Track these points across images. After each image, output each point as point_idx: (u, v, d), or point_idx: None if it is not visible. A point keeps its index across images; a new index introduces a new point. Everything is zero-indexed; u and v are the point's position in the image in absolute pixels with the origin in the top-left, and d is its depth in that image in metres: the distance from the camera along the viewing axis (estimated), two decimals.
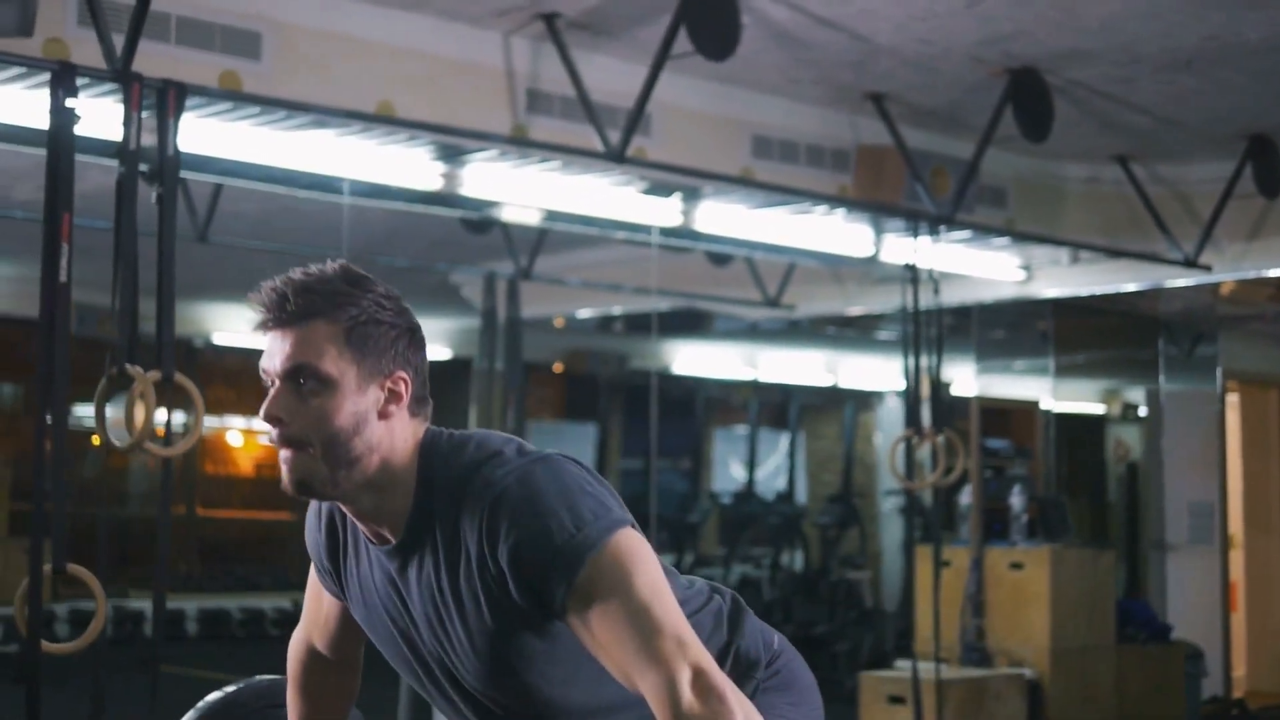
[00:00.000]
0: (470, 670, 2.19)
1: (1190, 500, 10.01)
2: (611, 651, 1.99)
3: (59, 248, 4.38)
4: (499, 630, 2.11)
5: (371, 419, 2.12)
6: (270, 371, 2.14)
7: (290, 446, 2.12)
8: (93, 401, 4.41)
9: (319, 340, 2.10)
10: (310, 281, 2.13)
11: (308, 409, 2.10)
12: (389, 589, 2.23)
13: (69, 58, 4.74)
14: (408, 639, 2.26)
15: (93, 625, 4.44)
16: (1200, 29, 5.85)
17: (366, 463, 2.12)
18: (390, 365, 2.14)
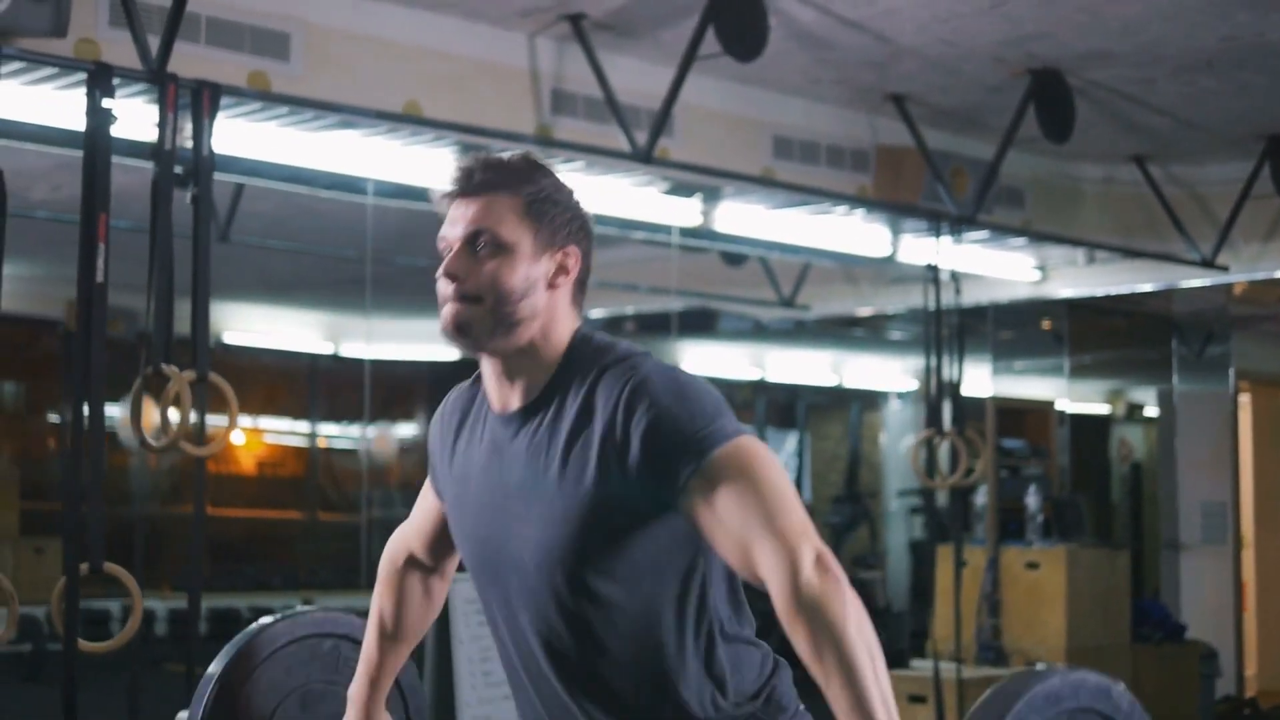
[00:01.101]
0: (539, 553, 2.24)
1: (1203, 500, 10.03)
2: (731, 526, 2.07)
3: (95, 248, 4.40)
4: (591, 504, 2.19)
5: (540, 287, 2.28)
6: (450, 238, 2.28)
7: (462, 301, 2.25)
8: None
9: (500, 209, 2.26)
10: (495, 160, 2.31)
11: (483, 269, 2.25)
12: (492, 460, 2.33)
13: (100, 58, 4.75)
14: (491, 519, 2.33)
15: (130, 624, 4.46)
16: (1221, 29, 5.87)
17: (527, 326, 2.27)
18: (563, 240, 2.30)
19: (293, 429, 13.15)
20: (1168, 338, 10.22)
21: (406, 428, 13.30)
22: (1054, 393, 10.11)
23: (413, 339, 10.68)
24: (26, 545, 10.61)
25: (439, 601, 2.74)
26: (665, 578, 2.23)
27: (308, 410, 12.80)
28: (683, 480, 2.11)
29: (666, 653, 2.24)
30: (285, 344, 11.44)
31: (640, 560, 2.21)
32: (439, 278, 2.27)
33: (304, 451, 13.16)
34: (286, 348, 11.55)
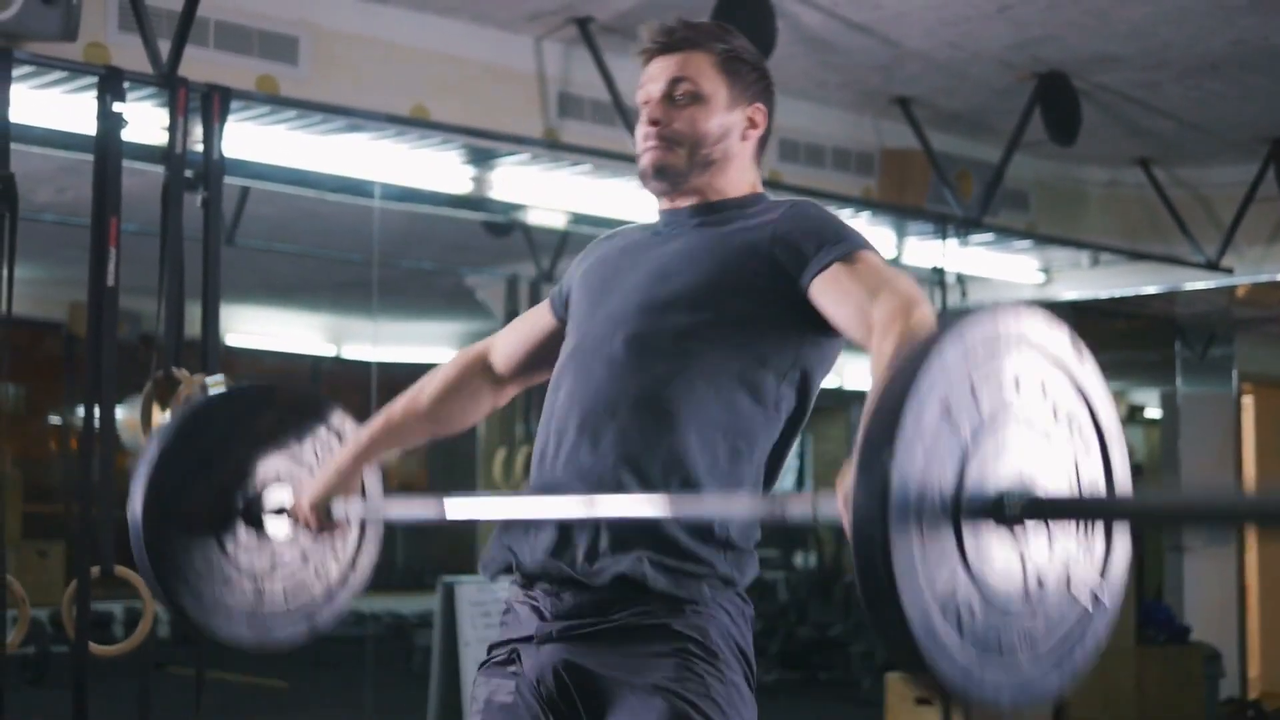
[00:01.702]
0: (646, 327, 2.36)
1: None
2: (853, 290, 2.25)
3: (106, 251, 4.41)
4: (735, 265, 2.36)
5: (734, 134, 2.46)
6: (651, 90, 2.46)
7: (661, 142, 2.44)
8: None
9: (698, 62, 2.45)
10: (691, 23, 2.48)
11: (682, 115, 2.44)
12: (654, 241, 2.48)
13: (110, 62, 4.76)
14: (612, 295, 2.44)
15: (140, 627, 4.46)
16: (1228, 33, 5.88)
17: (719, 169, 2.45)
18: (753, 97, 2.49)
19: None
20: (1171, 340, 10.22)
21: None
22: None
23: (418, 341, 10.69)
24: (29, 548, 10.61)
25: (482, 410, 2.74)
26: (754, 365, 2.35)
27: None
28: (825, 260, 2.29)
29: (721, 433, 2.32)
30: (289, 346, 11.45)
31: (743, 339, 2.34)
32: (641, 125, 2.43)
33: None
34: (290, 350, 11.55)
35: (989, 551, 1.80)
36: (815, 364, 2.42)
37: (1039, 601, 1.86)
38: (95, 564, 4.37)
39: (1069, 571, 1.90)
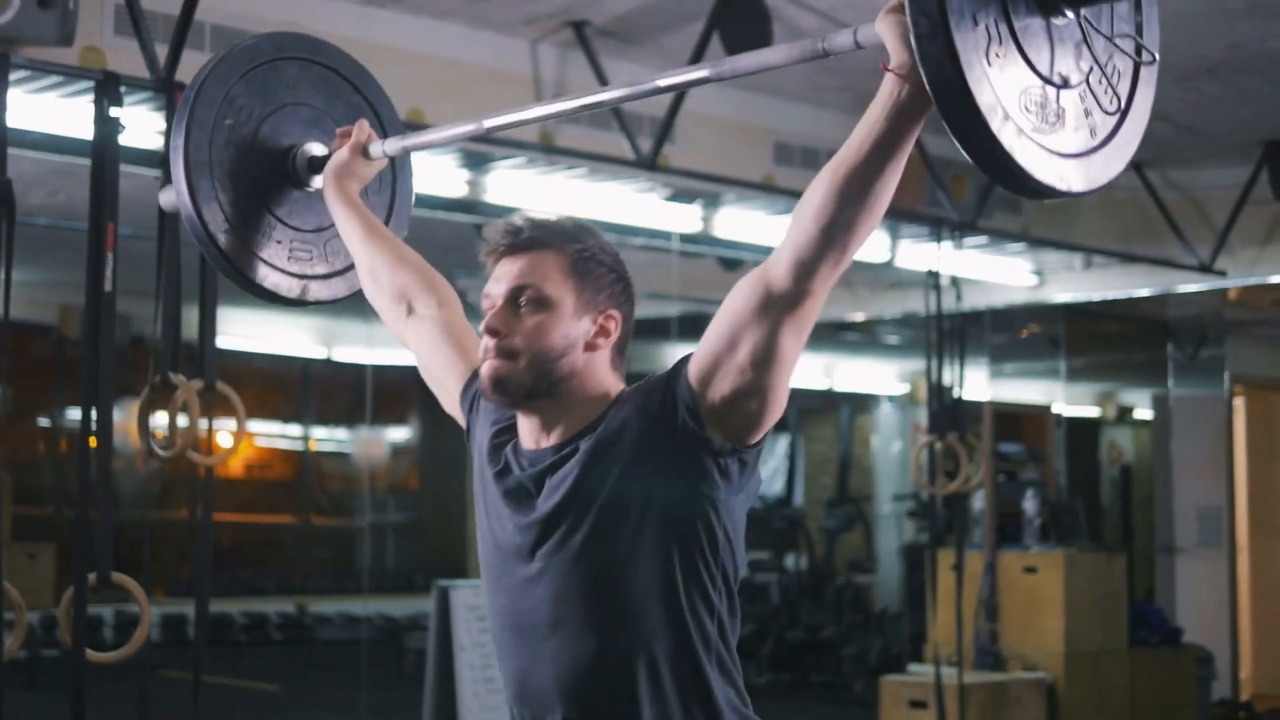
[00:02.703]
0: (555, 567, 2.24)
1: (1198, 504, 10.05)
2: (720, 319, 2.16)
3: (104, 257, 4.38)
4: (616, 499, 2.20)
5: (579, 346, 2.28)
6: (494, 294, 2.29)
7: (501, 357, 2.27)
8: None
9: (545, 266, 2.28)
10: (543, 220, 2.33)
11: (524, 325, 2.26)
12: (519, 490, 2.30)
13: (107, 66, 4.74)
14: (513, 560, 2.31)
15: (138, 633, 4.44)
16: (1227, 37, 5.89)
17: (564, 385, 2.27)
18: (605, 303, 2.30)
19: (286, 433, 13.14)
20: (1163, 341, 10.24)
21: (399, 432, 13.30)
22: (1050, 397, 10.13)
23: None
24: (19, 551, 10.57)
25: (373, 270, 2.74)
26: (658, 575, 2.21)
27: (302, 415, 12.79)
28: (684, 375, 2.18)
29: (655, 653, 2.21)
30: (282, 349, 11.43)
31: (647, 557, 2.20)
32: (481, 332, 2.29)
33: (298, 455, 13.14)
34: (283, 352, 11.54)
35: (1037, 36, 1.90)
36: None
37: (1095, 77, 1.97)
38: (92, 570, 4.35)
39: (1116, 43, 2.01)
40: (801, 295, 2.11)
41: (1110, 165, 2.05)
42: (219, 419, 4.78)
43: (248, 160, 2.82)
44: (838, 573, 12.25)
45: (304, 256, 2.90)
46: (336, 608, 12.01)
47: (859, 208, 2.04)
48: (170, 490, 11.25)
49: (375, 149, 2.82)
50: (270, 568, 12.85)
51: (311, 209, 2.89)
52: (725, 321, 2.15)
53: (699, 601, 2.22)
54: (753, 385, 2.15)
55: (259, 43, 2.89)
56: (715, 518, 2.21)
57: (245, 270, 2.81)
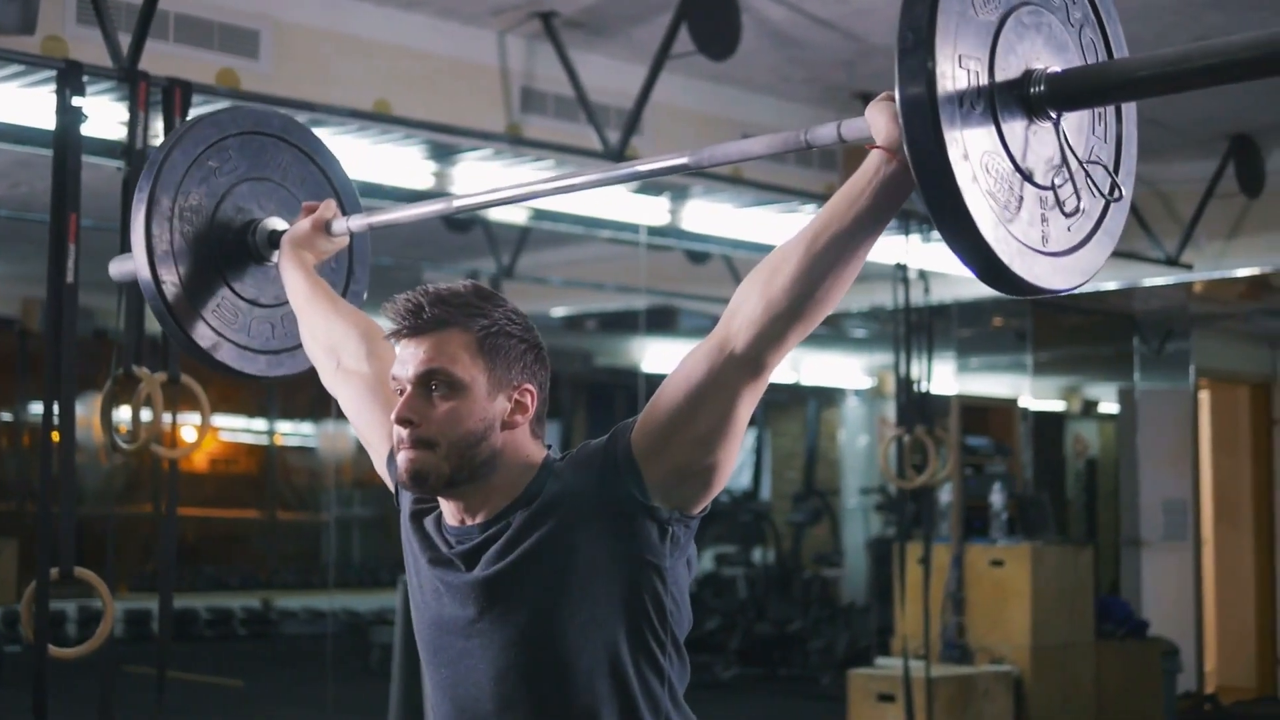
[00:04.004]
0: (491, 644, 2.17)
1: (1163, 497, 10.08)
2: (677, 380, 2.09)
3: (66, 248, 4.34)
4: (557, 583, 2.13)
5: (497, 427, 2.17)
6: (402, 378, 2.18)
7: (417, 447, 2.16)
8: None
9: (452, 347, 2.16)
10: (444, 294, 2.19)
11: (438, 412, 2.15)
12: (447, 573, 2.23)
13: (69, 55, 4.69)
14: (446, 634, 2.24)
15: (100, 629, 4.40)
16: (1194, 29, 5.89)
17: (486, 469, 2.17)
18: (518, 377, 2.20)
19: (251, 428, 13.08)
20: (1129, 335, 10.27)
21: None
22: (1017, 390, 10.15)
23: None
24: None
25: (306, 331, 2.72)
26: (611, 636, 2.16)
27: (266, 409, 12.73)
28: (629, 454, 2.11)
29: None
30: None
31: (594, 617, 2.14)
32: (393, 422, 2.18)
33: (262, 450, 13.09)
34: None
35: (1020, 134, 1.96)
36: None
37: (1065, 189, 2.01)
38: (54, 565, 4.30)
39: (1087, 169, 2.04)
40: (764, 366, 2.06)
41: (1093, 261, 2.06)
42: (183, 413, 4.74)
43: (208, 234, 2.81)
44: (805, 566, 12.26)
45: (269, 331, 2.89)
46: (302, 603, 11.97)
47: (833, 280, 2.01)
48: (135, 485, 11.19)
49: (339, 225, 2.77)
50: (235, 563, 12.80)
51: (274, 285, 2.86)
52: (681, 392, 2.08)
53: (648, 672, 2.16)
54: (705, 457, 2.10)
55: (205, 123, 2.86)
56: (662, 586, 2.14)
57: (200, 343, 2.80)
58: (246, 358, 2.86)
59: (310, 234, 2.77)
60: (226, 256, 2.83)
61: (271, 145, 2.93)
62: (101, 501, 10.82)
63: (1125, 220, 2.11)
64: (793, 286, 2.00)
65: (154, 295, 2.73)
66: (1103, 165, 2.08)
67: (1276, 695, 10.29)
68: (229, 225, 2.84)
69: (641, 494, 2.10)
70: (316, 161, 2.99)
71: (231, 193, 2.85)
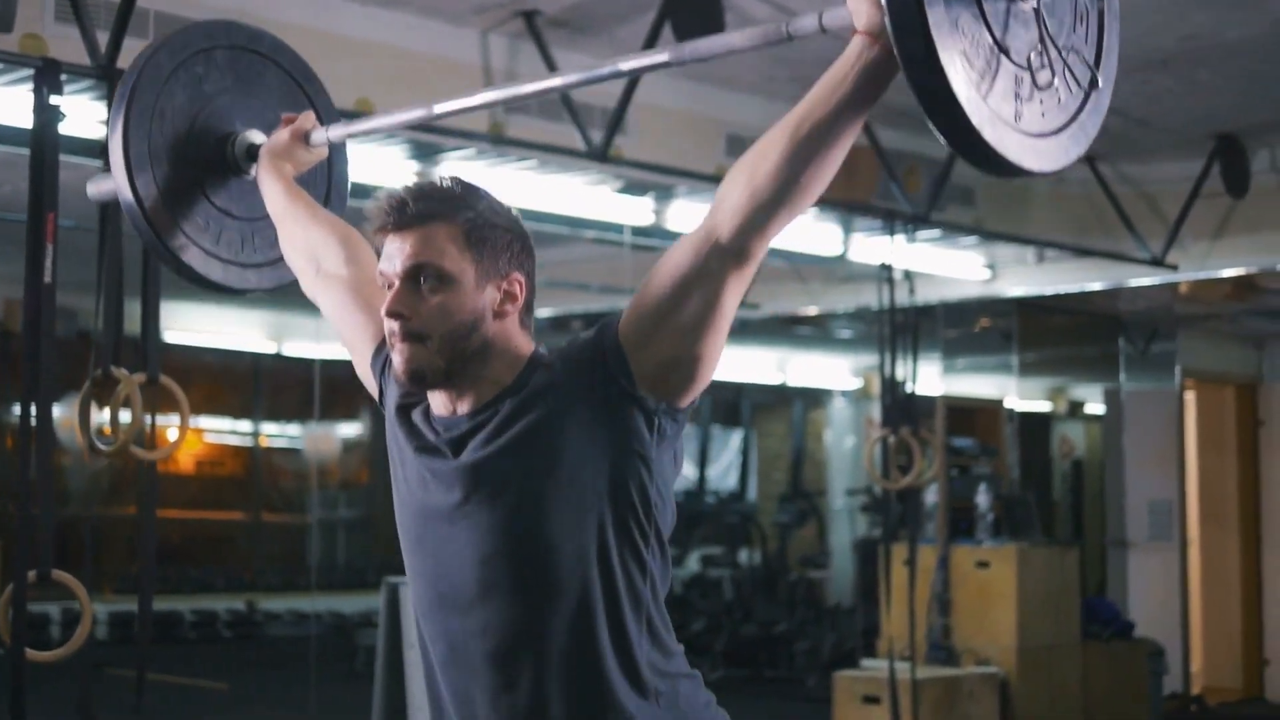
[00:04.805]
0: (475, 536, 2.19)
1: (1149, 498, 10.07)
2: (662, 270, 2.14)
3: (43, 248, 4.30)
4: (545, 468, 2.14)
5: (488, 317, 2.20)
6: (389, 273, 2.20)
7: (410, 340, 2.18)
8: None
9: (439, 240, 2.18)
10: (427, 188, 2.21)
11: (428, 305, 2.17)
12: (433, 459, 2.24)
13: (47, 53, 4.66)
14: (431, 526, 2.26)
15: (78, 632, 4.35)
16: (1181, 29, 5.88)
17: (479, 359, 2.19)
18: (506, 267, 2.22)
19: (236, 429, 13.03)
20: (1115, 336, 10.26)
21: (350, 427, 13.20)
22: (1003, 391, 10.13)
23: None
24: None
25: (285, 236, 2.72)
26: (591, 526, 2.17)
27: (251, 410, 12.68)
28: (616, 344, 2.13)
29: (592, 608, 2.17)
30: (230, 343, 11.33)
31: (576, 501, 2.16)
32: (384, 316, 2.20)
33: (247, 451, 13.04)
34: (231, 347, 11.43)
35: (1001, 13, 1.97)
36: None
37: (1043, 74, 2.02)
38: (32, 567, 4.26)
39: (1066, 58, 2.05)
40: (749, 253, 2.10)
41: (1066, 152, 2.08)
42: (163, 414, 4.70)
43: (186, 148, 2.81)
44: (791, 568, 12.23)
45: (239, 244, 2.88)
46: (287, 605, 11.92)
47: (817, 167, 2.04)
48: (119, 486, 11.14)
49: (318, 135, 2.79)
50: (220, 565, 12.74)
51: (249, 197, 2.86)
52: (668, 281, 2.12)
53: (632, 563, 2.18)
54: (692, 347, 2.13)
55: (196, 30, 2.86)
56: (648, 476, 2.17)
57: (181, 255, 2.80)
58: (213, 265, 2.86)
59: (289, 144, 2.78)
60: (204, 164, 2.84)
61: (260, 64, 2.94)
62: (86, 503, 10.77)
63: (1102, 122, 2.12)
64: (777, 174, 2.04)
65: (128, 190, 2.73)
66: (1082, 56, 2.09)
67: (1263, 696, 10.28)
68: (208, 134, 2.84)
69: (629, 384, 2.13)
70: (305, 89, 3.00)
71: (214, 103, 2.85)
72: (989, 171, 2.01)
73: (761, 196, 2.05)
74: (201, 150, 2.83)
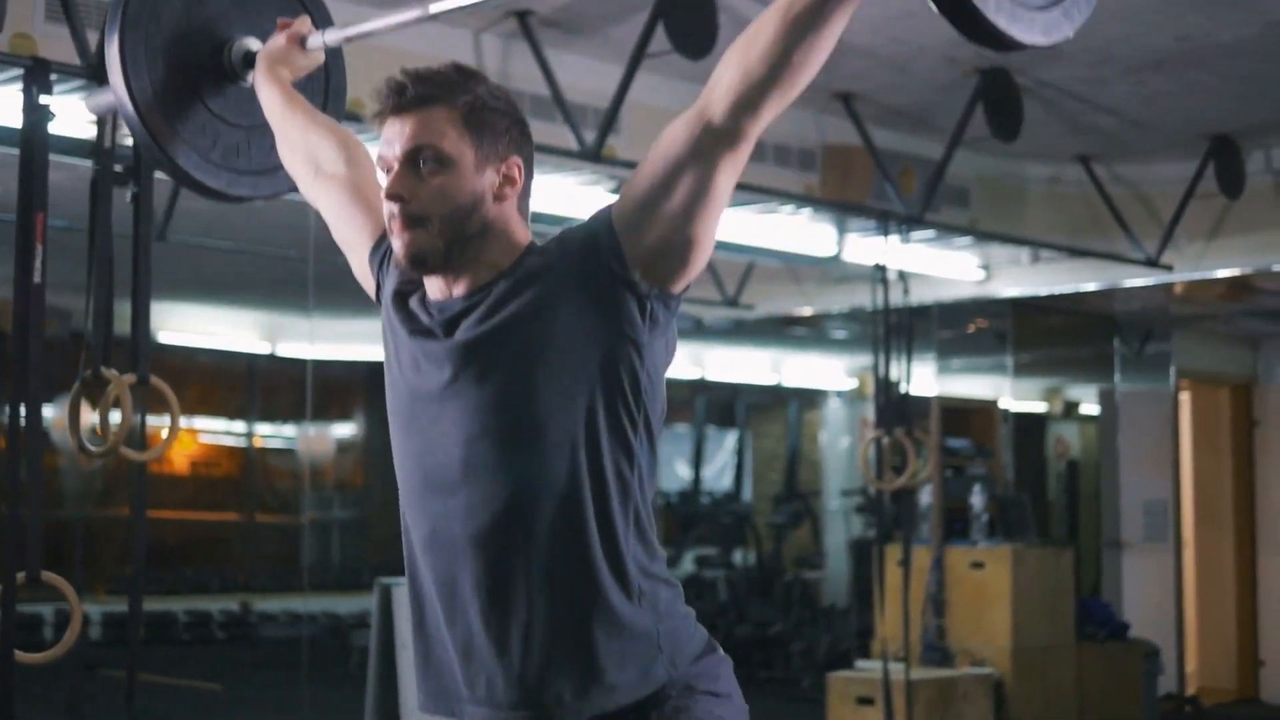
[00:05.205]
0: (481, 410, 2.19)
1: (1144, 498, 10.07)
2: (656, 154, 2.15)
3: (33, 248, 4.29)
4: (539, 341, 2.16)
5: (488, 199, 2.22)
6: (389, 157, 2.21)
7: (409, 223, 2.20)
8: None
9: (439, 123, 2.19)
10: (426, 73, 2.23)
11: (428, 187, 2.19)
12: (429, 344, 2.26)
13: (37, 53, 4.64)
14: (424, 412, 2.26)
15: (68, 634, 4.33)
16: (1174, 29, 5.87)
17: (478, 242, 2.21)
18: (505, 150, 2.24)
19: (230, 429, 13.01)
20: (1110, 336, 10.26)
21: (345, 428, 13.19)
22: (998, 392, 10.13)
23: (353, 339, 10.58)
24: None
25: (285, 141, 2.72)
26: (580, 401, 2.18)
27: (245, 411, 12.67)
28: (609, 226, 2.15)
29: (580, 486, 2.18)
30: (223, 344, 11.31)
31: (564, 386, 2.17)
32: (384, 200, 2.22)
33: (241, 452, 13.02)
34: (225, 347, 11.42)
35: None
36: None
37: None
38: (21, 568, 4.25)
39: None
40: (741, 133, 2.12)
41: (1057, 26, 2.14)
42: (155, 414, 4.68)
43: (183, 54, 2.84)
44: (786, 568, 12.22)
45: (235, 151, 2.91)
46: (281, 605, 11.91)
47: (809, 47, 2.06)
48: (112, 487, 11.12)
49: (314, 40, 2.81)
50: (214, 566, 12.73)
51: (245, 104, 2.89)
52: (660, 162, 2.13)
53: (619, 450, 2.19)
54: (685, 229, 2.14)
55: None
56: (638, 360, 2.18)
57: (177, 160, 2.83)
58: (210, 171, 2.88)
59: (286, 49, 2.80)
60: (201, 71, 2.86)
61: None
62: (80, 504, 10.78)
63: (1094, 8, 2.16)
64: (769, 53, 2.06)
65: (125, 94, 2.74)
66: None
67: (1258, 697, 10.28)
68: (205, 41, 2.87)
69: (622, 267, 2.14)
70: (306, 5, 3.02)
71: (211, 10, 2.88)
72: (978, 41, 2.05)
73: (754, 76, 2.07)
74: (198, 57, 2.86)
